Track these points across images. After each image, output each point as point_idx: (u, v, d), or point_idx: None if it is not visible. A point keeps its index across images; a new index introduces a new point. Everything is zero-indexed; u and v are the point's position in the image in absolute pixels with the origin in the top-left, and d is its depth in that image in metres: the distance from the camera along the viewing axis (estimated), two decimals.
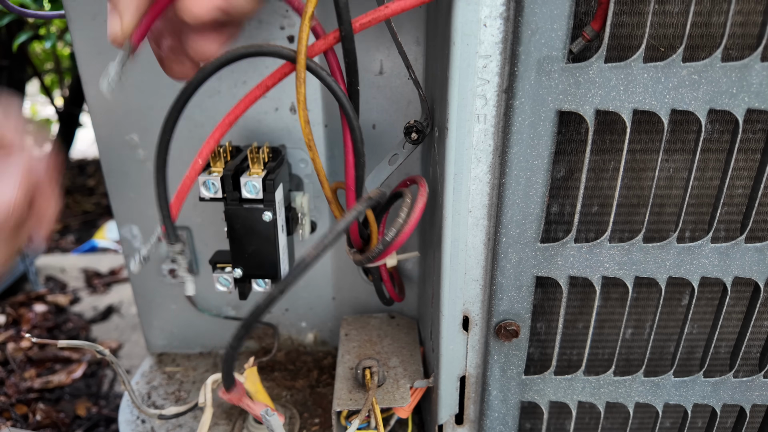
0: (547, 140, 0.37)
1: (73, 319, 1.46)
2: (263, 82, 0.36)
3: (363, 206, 0.38)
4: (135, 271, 0.41)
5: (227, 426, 0.60)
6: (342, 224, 0.36)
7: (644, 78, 0.35)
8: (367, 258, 0.43)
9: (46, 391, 1.20)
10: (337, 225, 0.35)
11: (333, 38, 0.35)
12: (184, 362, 0.71)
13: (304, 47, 0.34)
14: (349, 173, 0.40)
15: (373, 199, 0.39)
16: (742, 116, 0.37)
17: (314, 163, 0.38)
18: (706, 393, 0.46)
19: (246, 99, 0.36)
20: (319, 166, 0.39)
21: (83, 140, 3.29)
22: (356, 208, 0.37)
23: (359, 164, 0.39)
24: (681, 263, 0.41)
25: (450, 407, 0.48)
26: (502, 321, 0.43)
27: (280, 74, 0.36)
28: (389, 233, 0.40)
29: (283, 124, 0.58)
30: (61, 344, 0.45)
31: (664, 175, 0.42)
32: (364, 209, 0.38)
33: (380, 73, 0.55)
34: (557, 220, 0.44)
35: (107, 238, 2.04)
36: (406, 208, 0.41)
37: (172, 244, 0.39)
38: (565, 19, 0.34)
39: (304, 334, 0.71)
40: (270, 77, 0.36)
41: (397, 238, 0.40)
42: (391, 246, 0.40)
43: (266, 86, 0.36)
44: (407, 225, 0.40)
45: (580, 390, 0.46)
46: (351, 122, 0.37)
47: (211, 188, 0.48)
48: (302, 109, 0.36)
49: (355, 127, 0.37)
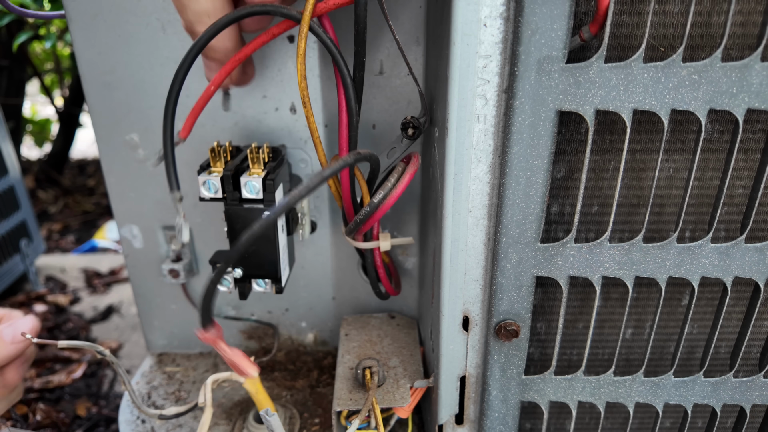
0: (547, 140, 0.37)
1: (73, 319, 1.46)
2: (270, 30, 0.41)
3: (351, 158, 0.38)
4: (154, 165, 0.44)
5: (227, 426, 0.60)
6: (327, 171, 0.35)
7: (644, 78, 0.35)
8: (356, 222, 0.43)
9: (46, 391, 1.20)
10: (322, 171, 0.35)
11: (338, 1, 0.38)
12: (184, 362, 0.71)
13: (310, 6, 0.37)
14: (342, 132, 0.40)
15: (361, 154, 0.39)
16: (742, 116, 0.37)
17: (308, 121, 0.40)
18: (706, 393, 0.46)
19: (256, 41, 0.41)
20: (313, 126, 0.40)
21: (83, 140, 3.29)
22: (343, 159, 0.37)
23: (352, 124, 0.40)
24: (681, 263, 0.41)
25: (450, 407, 0.48)
26: (502, 321, 0.43)
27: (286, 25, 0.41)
28: (377, 195, 0.40)
29: (283, 123, 0.58)
30: (61, 344, 0.45)
31: (664, 175, 0.42)
32: (352, 161, 0.38)
33: (380, 73, 0.55)
34: (557, 220, 0.44)
35: (107, 238, 2.04)
36: (397, 174, 0.41)
37: (173, 191, 0.41)
38: (565, 19, 0.34)
39: (304, 334, 0.71)
40: (277, 27, 0.40)
41: (385, 201, 0.40)
42: (379, 209, 0.40)
43: (273, 34, 0.40)
44: (396, 189, 0.40)
45: (580, 390, 0.46)
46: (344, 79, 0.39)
47: (211, 188, 0.48)
48: (300, 63, 0.38)
49: (348, 84, 0.39)
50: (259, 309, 0.69)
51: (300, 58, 0.38)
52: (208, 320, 0.37)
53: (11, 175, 1.50)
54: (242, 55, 0.40)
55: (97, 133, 0.60)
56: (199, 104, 0.42)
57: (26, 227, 1.58)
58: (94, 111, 0.59)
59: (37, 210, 2.36)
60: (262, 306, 0.69)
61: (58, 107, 2.52)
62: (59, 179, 2.62)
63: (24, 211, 1.56)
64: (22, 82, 2.39)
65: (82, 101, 2.42)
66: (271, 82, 0.56)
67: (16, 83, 2.34)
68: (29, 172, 2.68)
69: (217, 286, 0.37)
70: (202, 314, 0.37)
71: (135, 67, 0.56)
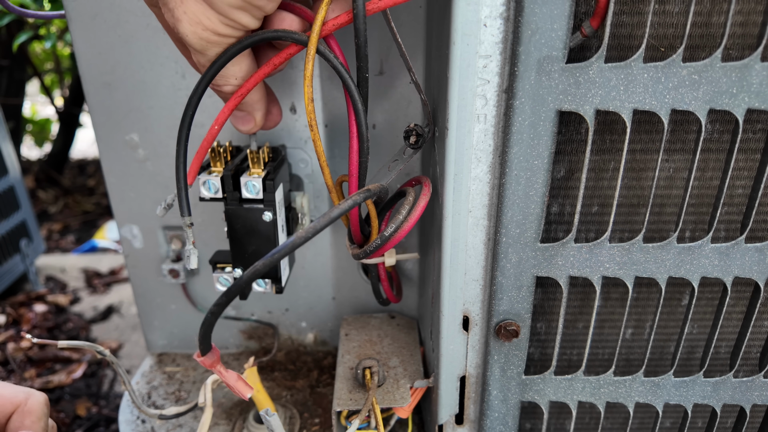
0: (547, 140, 0.37)
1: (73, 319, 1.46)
2: (271, 61, 0.39)
3: (360, 197, 0.38)
4: (160, 215, 0.46)
5: (227, 426, 0.60)
6: (336, 211, 0.35)
7: (644, 78, 0.35)
8: (365, 252, 0.43)
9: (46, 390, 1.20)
10: (330, 211, 0.35)
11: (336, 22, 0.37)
12: (184, 362, 0.71)
13: (318, 27, 0.36)
14: (353, 159, 0.40)
15: (371, 191, 0.39)
16: (742, 116, 0.37)
17: (315, 144, 0.39)
18: (706, 393, 0.46)
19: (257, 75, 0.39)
20: (320, 150, 0.39)
21: (83, 140, 3.29)
22: (353, 198, 0.37)
23: (362, 150, 0.39)
24: (681, 263, 0.41)
25: (450, 407, 0.48)
26: (502, 321, 0.43)
27: (287, 54, 0.39)
28: (388, 229, 0.40)
29: (283, 124, 0.58)
30: (61, 344, 0.45)
31: (664, 175, 0.42)
32: (362, 200, 0.38)
33: (380, 74, 0.55)
34: (557, 220, 0.44)
35: (107, 238, 2.04)
36: (408, 206, 0.41)
37: (184, 216, 0.41)
38: (565, 19, 0.34)
39: (304, 334, 0.71)
40: (277, 56, 0.39)
41: (396, 234, 0.40)
42: (390, 242, 0.40)
43: (274, 64, 0.39)
44: (407, 222, 0.40)
45: (580, 390, 0.46)
46: (356, 106, 0.38)
47: (211, 188, 0.48)
48: (307, 85, 0.37)
49: (360, 111, 0.38)
50: (259, 309, 0.69)
51: (307, 80, 0.37)
52: (207, 347, 0.39)
53: (11, 175, 1.50)
54: (244, 90, 0.39)
55: (97, 133, 0.60)
56: (203, 147, 0.41)
57: (26, 227, 1.58)
58: (94, 111, 0.59)
59: (37, 210, 2.36)
60: (262, 306, 0.69)
61: (58, 107, 2.52)
62: (59, 179, 2.62)
63: (24, 211, 1.56)
64: (22, 82, 2.39)
65: (82, 101, 2.42)
66: (272, 82, 0.56)
67: (16, 83, 2.34)
68: (29, 172, 2.68)
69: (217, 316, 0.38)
70: (201, 341, 0.38)
71: (135, 67, 0.56)
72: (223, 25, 0.35)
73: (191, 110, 0.40)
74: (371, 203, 0.45)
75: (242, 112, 0.43)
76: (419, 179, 0.45)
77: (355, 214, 0.44)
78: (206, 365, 0.40)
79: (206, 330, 0.38)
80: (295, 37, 0.37)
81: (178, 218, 0.63)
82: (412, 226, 0.40)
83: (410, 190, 0.44)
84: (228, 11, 0.34)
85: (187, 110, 0.40)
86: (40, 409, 0.41)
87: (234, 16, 0.34)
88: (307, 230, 0.34)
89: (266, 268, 0.34)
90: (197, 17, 0.34)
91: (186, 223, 0.42)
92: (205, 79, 0.38)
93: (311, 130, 0.38)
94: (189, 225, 0.42)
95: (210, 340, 0.39)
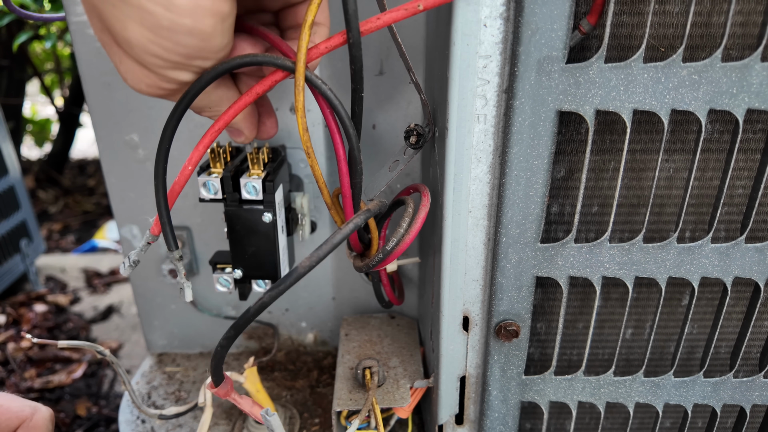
0: (547, 140, 0.37)
1: (73, 319, 1.47)
2: (253, 89, 0.35)
3: (360, 219, 0.38)
4: (125, 274, 0.42)
5: (227, 426, 0.60)
6: (338, 237, 0.36)
7: (644, 78, 0.35)
8: (367, 266, 0.43)
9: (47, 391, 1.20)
10: (332, 237, 0.36)
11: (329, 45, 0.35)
12: (184, 362, 0.71)
13: (303, 56, 0.33)
14: (344, 181, 0.39)
15: (371, 211, 0.39)
16: (742, 116, 0.37)
17: (313, 170, 0.38)
18: (707, 393, 0.46)
19: (236, 105, 0.36)
20: (318, 174, 0.38)
21: (83, 140, 3.29)
22: (353, 221, 0.38)
23: (355, 171, 0.39)
24: (681, 263, 0.41)
25: (450, 407, 0.48)
26: (502, 321, 0.43)
27: (271, 81, 0.35)
28: (390, 243, 0.40)
29: (283, 124, 0.58)
30: (61, 344, 0.45)
31: (664, 175, 0.42)
32: (362, 222, 0.38)
33: (380, 74, 0.55)
34: (557, 220, 0.44)
35: (107, 238, 2.04)
36: (408, 218, 0.41)
37: (172, 251, 0.39)
38: (565, 19, 0.34)
39: (304, 334, 0.71)
40: (260, 84, 0.35)
41: (397, 247, 0.40)
42: (391, 255, 0.40)
43: (256, 93, 0.36)
44: (408, 235, 0.40)
45: (580, 390, 0.46)
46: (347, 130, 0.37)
47: (210, 189, 0.48)
48: (300, 116, 0.35)
49: (351, 135, 0.37)
50: None
51: (300, 112, 0.35)
52: (220, 378, 0.40)
53: (11, 175, 1.50)
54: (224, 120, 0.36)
55: (97, 133, 0.60)
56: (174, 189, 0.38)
57: (26, 227, 1.58)
58: (94, 111, 0.59)
59: (37, 210, 2.36)
60: None
61: (58, 107, 2.52)
62: (59, 179, 2.62)
63: (24, 211, 1.57)
64: (22, 82, 2.39)
65: (82, 101, 2.42)
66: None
67: (16, 83, 2.34)
68: (29, 172, 2.68)
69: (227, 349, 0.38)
70: (214, 373, 0.39)
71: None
72: (165, 83, 0.33)
73: (166, 143, 0.36)
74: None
75: (231, 128, 0.41)
76: (417, 187, 0.45)
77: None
78: (221, 395, 0.41)
79: (217, 362, 0.39)
80: (279, 63, 0.34)
81: (178, 218, 0.63)
82: (413, 239, 0.40)
83: (409, 200, 0.43)
84: (164, 72, 0.32)
85: (161, 143, 0.36)
86: (45, 425, 0.41)
87: (172, 76, 0.32)
88: (311, 258, 0.35)
89: (272, 299, 0.36)
90: (137, 77, 0.33)
91: (175, 257, 0.39)
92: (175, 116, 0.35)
93: (308, 158, 0.37)
94: (178, 258, 0.40)
95: (222, 371, 0.40)
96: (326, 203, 0.42)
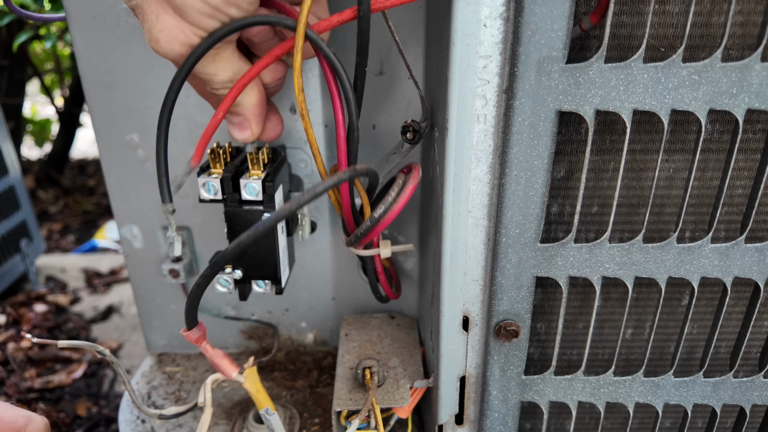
0: (547, 140, 0.37)
1: (73, 319, 1.47)
2: (273, 52, 0.38)
3: (346, 174, 0.37)
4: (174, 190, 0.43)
5: (227, 426, 0.60)
6: (321, 186, 0.35)
7: (644, 78, 0.35)
8: (356, 236, 0.43)
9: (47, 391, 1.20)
10: (315, 186, 0.35)
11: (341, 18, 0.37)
12: (184, 362, 0.71)
13: (304, 18, 0.35)
14: (341, 147, 0.40)
15: (358, 170, 0.39)
16: (742, 116, 0.37)
17: (307, 134, 0.39)
18: (706, 393, 0.46)
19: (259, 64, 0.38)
20: (312, 138, 0.39)
21: (83, 140, 3.29)
22: (338, 175, 0.37)
23: (351, 139, 0.39)
24: (681, 263, 0.41)
25: (450, 407, 0.48)
26: (502, 321, 0.43)
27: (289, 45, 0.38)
28: (377, 210, 0.40)
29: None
30: (61, 344, 0.45)
31: (664, 176, 0.42)
32: (347, 177, 0.37)
33: (380, 74, 0.55)
34: (557, 220, 0.44)
35: (107, 238, 2.04)
36: (397, 188, 0.41)
37: (165, 203, 0.40)
38: (565, 19, 0.34)
39: (304, 334, 0.71)
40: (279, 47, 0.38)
41: (385, 215, 0.40)
42: (380, 223, 0.40)
43: (276, 55, 0.38)
44: (396, 203, 0.40)
45: (580, 390, 0.46)
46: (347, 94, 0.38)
47: (210, 190, 0.47)
48: (297, 76, 0.37)
49: (351, 100, 0.38)
50: (259, 309, 0.69)
51: (296, 72, 0.37)
52: (194, 321, 0.39)
53: (11, 175, 1.50)
54: (246, 79, 0.38)
55: (97, 133, 0.60)
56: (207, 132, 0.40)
57: (26, 227, 1.58)
58: (94, 111, 0.59)
59: (37, 210, 2.36)
60: (262, 306, 0.69)
61: (58, 107, 2.52)
62: (59, 179, 2.62)
63: (24, 211, 1.57)
64: (22, 82, 2.39)
65: (82, 101, 2.42)
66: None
67: (16, 83, 2.34)
68: (29, 172, 2.68)
69: (203, 288, 0.38)
70: (187, 314, 0.38)
71: (135, 67, 0.56)
72: (198, 35, 0.35)
73: (173, 95, 0.39)
74: (364, 192, 0.45)
75: (238, 117, 0.42)
76: (410, 166, 0.45)
77: (347, 203, 0.43)
78: (191, 340, 0.40)
79: (192, 303, 0.38)
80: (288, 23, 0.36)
81: (178, 218, 0.63)
82: (401, 207, 0.40)
83: (400, 174, 0.44)
84: (201, 21, 0.34)
85: (168, 95, 0.38)
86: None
87: (207, 25, 0.34)
88: (291, 203, 0.34)
89: (250, 239, 0.35)
90: (172, 33, 0.34)
91: (168, 210, 0.41)
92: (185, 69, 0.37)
93: (302, 119, 0.38)
94: (171, 212, 0.41)
95: (196, 313, 0.39)
96: (319, 172, 0.43)
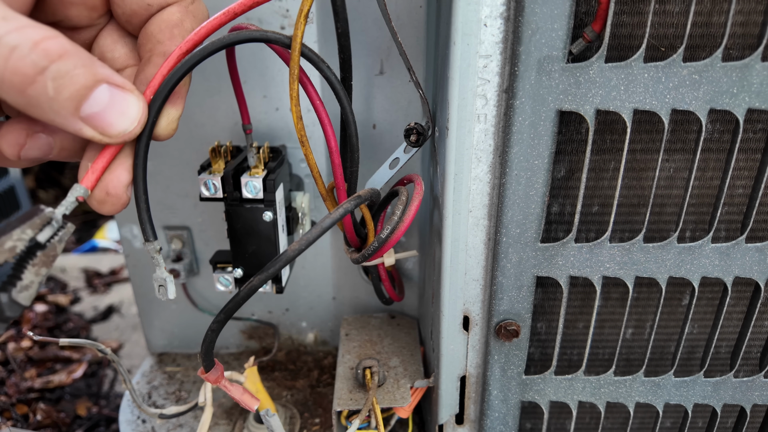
0: (547, 140, 0.37)
1: (73, 319, 1.47)
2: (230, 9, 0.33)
3: (352, 204, 0.38)
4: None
5: (227, 426, 0.60)
6: (327, 221, 0.36)
7: (645, 78, 0.35)
8: (363, 256, 0.43)
9: (47, 390, 1.20)
10: (322, 221, 0.35)
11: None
12: (184, 362, 0.71)
13: (298, 43, 0.34)
14: (337, 173, 0.39)
15: (362, 197, 0.39)
16: (742, 116, 0.37)
17: (307, 159, 0.38)
18: (707, 393, 0.46)
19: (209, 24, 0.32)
20: (312, 163, 0.39)
21: None
22: (344, 206, 0.37)
23: (353, 159, 0.39)
24: (681, 263, 0.41)
25: (450, 407, 0.48)
26: (503, 321, 0.43)
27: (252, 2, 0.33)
28: (384, 231, 0.40)
29: (283, 123, 0.58)
30: (63, 342, 0.45)
31: (664, 175, 0.42)
32: (353, 207, 0.38)
33: (380, 73, 0.55)
34: (557, 220, 0.44)
35: (107, 238, 2.04)
36: (402, 206, 0.41)
37: (148, 241, 0.35)
38: (565, 19, 0.34)
39: (304, 334, 0.71)
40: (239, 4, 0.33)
41: (392, 236, 0.40)
42: (387, 244, 0.40)
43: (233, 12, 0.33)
44: (402, 223, 0.40)
45: (580, 390, 0.46)
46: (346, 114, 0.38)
47: (211, 188, 0.48)
48: (295, 105, 0.36)
49: (350, 121, 0.38)
50: (259, 309, 0.69)
51: (294, 101, 0.35)
52: (210, 363, 0.39)
53: (12, 175, 1.50)
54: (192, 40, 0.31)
55: None
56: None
57: None
58: None
59: None
60: (263, 306, 0.69)
61: None
62: (60, 179, 2.62)
63: (24, 211, 1.56)
64: None
65: None
66: (272, 82, 0.56)
67: None
68: (30, 172, 2.68)
69: (217, 333, 0.38)
70: (204, 358, 0.39)
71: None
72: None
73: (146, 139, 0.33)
74: (365, 206, 0.45)
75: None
76: (411, 178, 0.45)
77: (349, 218, 0.44)
78: (210, 381, 0.40)
79: (208, 346, 0.38)
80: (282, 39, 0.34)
81: (178, 217, 0.63)
82: (407, 227, 0.40)
83: (403, 189, 0.44)
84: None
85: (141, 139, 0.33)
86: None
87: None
88: (300, 242, 0.34)
89: (262, 283, 0.35)
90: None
91: (154, 249, 0.35)
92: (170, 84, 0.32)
93: (302, 146, 0.37)
94: (158, 251, 0.35)
95: (212, 356, 0.39)
96: (321, 194, 0.43)
